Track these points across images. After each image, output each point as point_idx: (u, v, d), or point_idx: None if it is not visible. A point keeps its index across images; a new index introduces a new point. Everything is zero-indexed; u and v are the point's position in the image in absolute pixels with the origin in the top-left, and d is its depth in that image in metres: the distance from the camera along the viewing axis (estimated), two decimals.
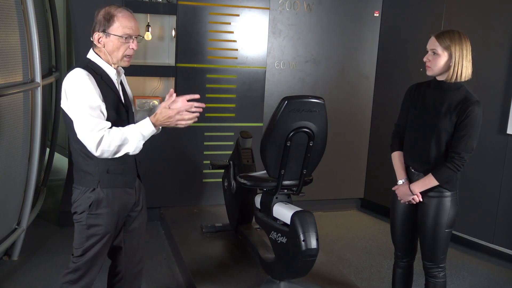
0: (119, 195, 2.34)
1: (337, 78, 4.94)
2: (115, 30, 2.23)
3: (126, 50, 2.26)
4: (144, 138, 2.22)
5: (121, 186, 2.35)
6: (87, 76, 2.18)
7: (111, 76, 2.30)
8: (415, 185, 2.66)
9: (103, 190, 2.30)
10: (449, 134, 2.56)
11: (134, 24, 2.26)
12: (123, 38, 2.23)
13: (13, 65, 3.21)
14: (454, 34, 2.53)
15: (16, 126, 3.29)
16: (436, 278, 2.74)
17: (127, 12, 2.27)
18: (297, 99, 2.74)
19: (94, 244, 2.32)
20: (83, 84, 2.16)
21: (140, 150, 2.25)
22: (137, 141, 2.20)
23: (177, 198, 4.59)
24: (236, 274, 3.32)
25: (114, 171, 2.31)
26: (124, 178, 2.36)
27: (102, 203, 2.30)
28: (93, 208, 2.29)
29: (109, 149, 2.15)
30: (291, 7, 4.66)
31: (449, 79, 2.55)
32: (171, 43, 4.54)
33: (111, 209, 2.32)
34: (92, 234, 2.31)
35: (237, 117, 4.61)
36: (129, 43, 2.25)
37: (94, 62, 2.28)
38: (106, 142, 2.14)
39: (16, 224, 3.60)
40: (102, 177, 2.29)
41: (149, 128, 2.20)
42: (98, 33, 2.26)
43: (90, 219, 2.30)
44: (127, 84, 2.53)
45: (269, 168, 2.88)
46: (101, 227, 2.31)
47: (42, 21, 3.91)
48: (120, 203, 2.35)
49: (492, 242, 4.22)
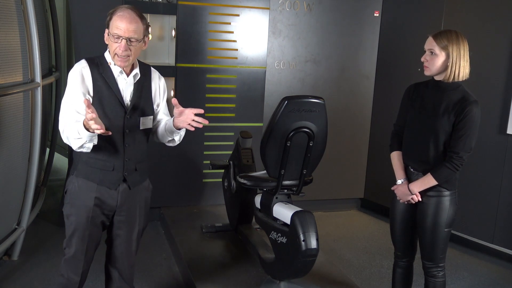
0: (94, 190, 2.34)
1: (337, 78, 4.94)
2: (110, 28, 2.27)
3: (116, 50, 2.26)
4: (81, 137, 2.15)
5: (97, 182, 2.34)
6: (81, 69, 2.28)
7: (114, 74, 2.32)
8: (414, 184, 2.66)
9: (78, 179, 2.35)
10: (447, 133, 2.57)
11: (125, 25, 2.21)
12: (113, 37, 2.25)
13: (13, 65, 3.20)
14: (451, 34, 2.54)
15: (16, 126, 3.29)
16: (436, 277, 2.74)
17: (125, 13, 2.24)
18: (297, 99, 2.74)
19: (72, 235, 2.37)
20: (72, 76, 2.28)
21: (89, 149, 2.23)
22: (75, 139, 2.18)
23: (177, 198, 4.59)
24: (236, 274, 3.32)
25: (92, 164, 2.33)
26: (102, 174, 2.34)
27: (75, 193, 2.35)
28: (68, 197, 2.38)
29: (65, 140, 2.25)
30: (291, 7, 4.66)
31: (447, 79, 2.55)
32: (171, 43, 4.54)
33: (83, 201, 2.33)
34: (69, 224, 2.38)
35: (237, 117, 4.61)
36: (117, 43, 2.24)
37: (104, 58, 2.34)
38: (62, 133, 2.24)
39: (16, 224, 3.61)
40: (79, 166, 2.36)
41: (81, 128, 2.13)
42: (106, 31, 2.32)
43: (66, 208, 2.39)
44: (160, 91, 2.49)
45: (269, 168, 2.88)
46: (73, 217, 2.35)
47: (42, 21, 3.91)
48: (94, 198, 2.34)
49: (492, 242, 4.22)
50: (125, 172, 2.39)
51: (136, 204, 2.49)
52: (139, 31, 2.26)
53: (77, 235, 2.36)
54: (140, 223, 2.54)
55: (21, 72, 3.30)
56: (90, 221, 2.35)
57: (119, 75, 2.33)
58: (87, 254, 2.41)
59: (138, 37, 2.26)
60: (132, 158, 2.40)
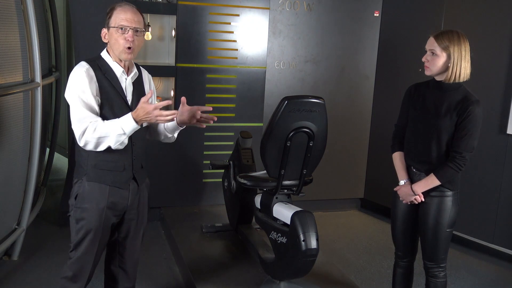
0: (106, 192, 2.34)
1: (337, 78, 4.94)
2: (112, 22, 2.28)
3: (124, 42, 2.28)
4: (125, 133, 2.21)
5: (109, 184, 2.35)
6: (86, 70, 2.25)
7: (116, 74, 2.33)
8: (417, 185, 2.66)
9: (89, 183, 2.33)
10: (450, 134, 2.57)
11: (130, 16, 2.27)
12: (119, 29, 2.26)
13: (13, 65, 3.21)
14: (453, 34, 2.53)
15: (16, 126, 3.29)
16: (437, 278, 2.74)
17: (127, 6, 2.30)
18: (297, 99, 2.74)
19: (82, 239, 2.34)
20: (79, 77, 2.24)
21: (124, 145, 2.25)
22: (117, 135, 2.20)
23: (177, 198, 4.59)
24: (236, 274, 3.32)
25: (102, 167, 2.32)
26: (113, 176, 2.35)
27: (86, 197, 2.32)
28: (78, 201, 2.34)
29: (91, 141, 2.20)
30: (291, 7, 4.66)
31: (448, 80, 2.55)
32: (171, 43, 4.54)
33: (96, 204, 2.32)
34: (79, 228, 2.34)
35: (237, 117, 4.61)
36: (125, 34, 2.27)
37: (103, 59, 2.34)
38: (89, 133, 2.19)
39: (16, 224, 3.60)
40: (89, 171, 2.32)
41: (130, 123, 2.20)
42: (103, 30, 2.32)
43: (76, 212, 2.35)
44: (152, 86, 2.55)
45: (269, 168, 2.88)
46: (85, 221, 2.33)
47: (42, 21, 3.91)
48: (107, 200, 2.34)
49: (492, 242, 4.22)
50: (134, 170, 2.43)
51: (143, 201, 2.55)
52: (141, 23, 2.33)
53: (89, 238, 2.34)
54: (145, 219, 2.60)
55: (21, 72, 3.31)
56: (103, 224, 2.36)
57: (121, 75, 2.35)
58: (96, 257, 2.42)
59: (141, 28, 2.32)
60: (138, 156, 2.45)
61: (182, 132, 2.52)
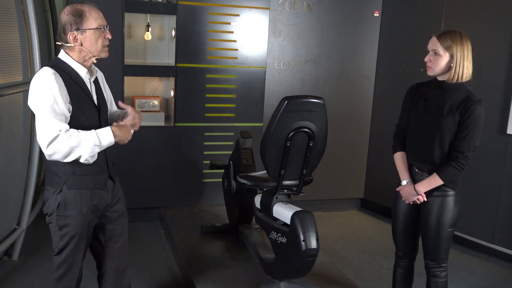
0: (88, 196, 2.32)
1: (337, 78, 4.94)
2: (90, 24, 2.25)
3: (103, 41, 2.30)
4: (100, 145, 2.20)
5: (90, 187, 2.33)
6: (54, 76, 2.17)
7: (81, 76, 2.30)
8: (420, 185, 2.66)
9: (70, 191, 2.29)
10: (452, 133, 2.57)
11: (101, 14, 2.31)
12: (99, 29, 2.27)
13: (13, 65, 3.21)
14: (455, 34, 2.53)
15: (16, 126, 3.29)
16: (438, 277, 2.74)
17: (91, 5, 2.30)
18: (297, 99, 2.74)
19: (67, 244, 2.33)
20: (48, 84, 2.15)
21: (94, 159, 2.23)
22: (91, 146, 2.17)
23: (177, 198, 4.59)
24: (236, 274, 3.32)
25: (81, 172, 2.29)
26: (93, 179, 2.34)
27: (69, 205, 2.29)
28: (61, 210, 2.29)
29: (62, 150, 2.13)
30: (291, 7, 4.66)
31: (450, 80, 2.55)
32: (171, 43, 4.54)
33: (80, 210, 2.30)
34: (64, 234, 2.32)
35: (237, 117, 4.61)
36: (104, 33, 2.29)
37: (64, 62, 2.28)
38: (61, 141, 2.12)
39: (16, 224, 3.61)
40: (69, 179, 2.28)
41: (108, 136, 2.21)
42: (72, 33, 2.25)
43: (59, 220, 2.30)
44: (106, 84, 2.55)
45: (269, 168, 2.88)
46: (70, 227, 2.30)
47: (42, 21, 3.91)
48: (89, 204, 2.32)
49: (492, 242, 4.22)
50: (109, 169, 2.44)
51: (120, 196, 2.55)
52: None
53: (74, 242, 2.33)
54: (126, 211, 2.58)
55: (21, 72, 3.31)
56: (87, 227, 2.36)
57: (85, 76, 2.32)
58: (82, 257, 2.42)
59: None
60: (109, 154, 2.46)
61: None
